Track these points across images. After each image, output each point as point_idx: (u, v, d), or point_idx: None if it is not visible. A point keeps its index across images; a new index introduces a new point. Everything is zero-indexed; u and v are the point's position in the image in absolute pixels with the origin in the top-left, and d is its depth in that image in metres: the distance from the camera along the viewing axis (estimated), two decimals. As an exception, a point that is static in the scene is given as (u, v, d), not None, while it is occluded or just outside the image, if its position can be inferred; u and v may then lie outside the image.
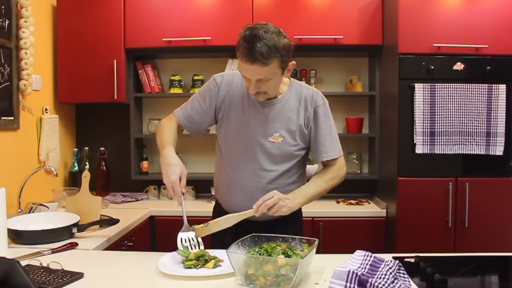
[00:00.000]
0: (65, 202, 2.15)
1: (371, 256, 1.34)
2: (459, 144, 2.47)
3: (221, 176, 1.80)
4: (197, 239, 1.55)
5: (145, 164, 3.12)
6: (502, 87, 2.44)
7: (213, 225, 1.51)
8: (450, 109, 2.45)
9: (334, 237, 2.62)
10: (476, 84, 2.45)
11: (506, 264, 1.68)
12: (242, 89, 1.71)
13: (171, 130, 1.77)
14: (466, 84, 2.45)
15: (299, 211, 1.88)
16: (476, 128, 2.46)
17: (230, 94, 1.73)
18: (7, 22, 2.34)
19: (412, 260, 1.57)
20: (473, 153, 2.47)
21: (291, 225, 1.79)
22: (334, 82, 3.15)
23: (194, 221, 1.76)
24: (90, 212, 2.05)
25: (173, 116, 1.81)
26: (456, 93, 2.45)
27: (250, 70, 1.52)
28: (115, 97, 2.85)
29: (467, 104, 2.45)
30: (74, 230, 1.87)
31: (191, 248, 1.53)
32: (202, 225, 1.50)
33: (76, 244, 1.76)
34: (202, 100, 1.76)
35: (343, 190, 3.13)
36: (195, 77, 3.05)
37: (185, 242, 1.54)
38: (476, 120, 2.45)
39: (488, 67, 2.47)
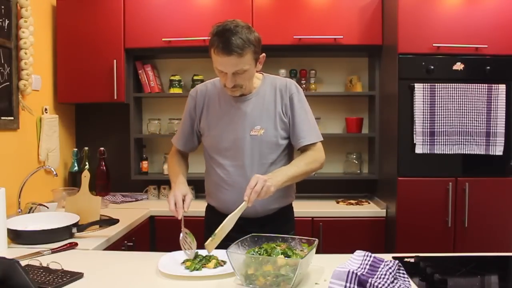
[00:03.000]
0: (65, 202, 2.15)
1: (370, 256, 1.34)
2: (459, 144, 2.47)
3: (211, 177, 1.84)
4: (189, 238, 1.58)
5: (144, 164, 3.12)
6: (502, 87, 2.44)
7: (219, 233, 1.49)
8: (450, 109, 2.45)
9: (334, 237, 2.62)
10: (476, 84, 2.45)
11: (506, 264, 1.68)
12: (216, 93, 1.81)
13: (177, 161, 1.89)
14: (466, 84, 2.45)
15: (290, 209, 1.91)
16: (476, 128, 2.46)
17: (208, 101, 1.82)
18: (7, 22, 2.34)
19: (412, 260, 1.57)
20: (473, 153, 2.47)
21: (284, 223, 1.83)
22: (334, 82, 3.15)
23: (196, 221, 1.76)
24: (90, 212, 2.05)
25: (173, 147, 1.94)
26: (456, 93, 2.45)
27: (227, 63, 1.59)
28: (115, 97, 2.85)
29: (467, 104, 2.45)
30: (74, 230, 1.87)
31: (188, 247, 1.56)
32: (210, 238, 1.48)
33: (76, 244, 1.75)
34: (186, 120, 1.87)
35: (343, 190, 3.16)
36: (195, 77, 3.05)
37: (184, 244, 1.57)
38: (476, 120, 2.45)
39: (488, 67, 2.47)
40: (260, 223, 1.73)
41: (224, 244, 1.47)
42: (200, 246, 1.56)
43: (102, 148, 3.01)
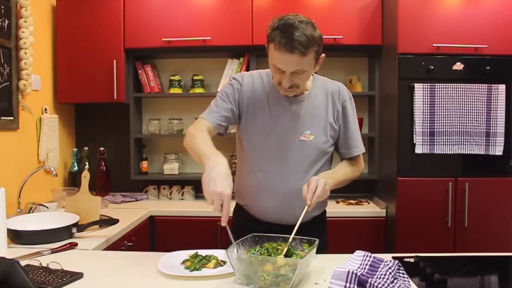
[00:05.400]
0: (65, 202, 2.15)
1: (370, 256, 1.34)
2: (459, 144, 2.47)
3: (248, 180, 1.69)
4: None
5: (144, 164, 3.12)
6: (502, 87, 2.44)
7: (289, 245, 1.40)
8: (450, 109, 2.45)
9: (334, 237, 2.60)
10: (476, 84, 2.45)
11: (506, 264, 1.68)
12: (264, 89, 1.66)
13: (207, 135, 1.53)
14: (465, 84, 2.45)
15: (324, 213, 1.84)
16: (476, 128, 2.46)
17: (252, 94, 1.66)
18: (6, 22, 2.34)
19: (412, 260, 1.57)
20: (472, 153, 2.47)
21: (319, 228, 1.77)
22: (333, 82, 3.14)
23: (197, 221, 1.75)
24: (90, 212, 2.05)
25: (200, 121, 1.61)
26: (456, 93, 2.45)
27: (288, 61, 1.46)
28: (115, 97, 2.85)
29: (466, 104, 2.45)
30: (74, 230, 1.87)
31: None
32: (282, 256, 1.34)
33: (76, 244, 1.75)
34: (227, 98, 1.65)
35: (342, 190, 3.11)
36: (195, 77, 3.05)
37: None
38: (476, 120, 2.45)
39: (488, 67, 2.47)
40: (298, 229, 1.47)
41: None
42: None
43: (102, 148, 3.01)
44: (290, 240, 1.40)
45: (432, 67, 2.48)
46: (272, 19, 1.51)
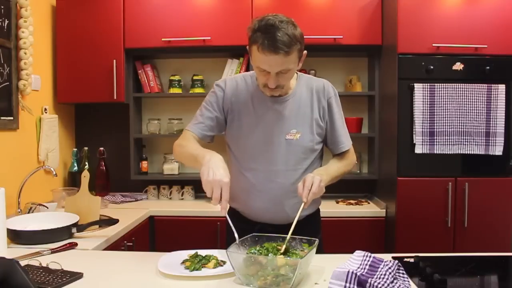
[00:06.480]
0: (65, 202, 2.15)
1: (370, 256, 1.34)
2: (459, 144, 2.47)
3: (238, 181, 1.68)
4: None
5: (144, 164, 3.12)
6: (502, 87, 2.45)
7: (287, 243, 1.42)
8: (450, 109, 2.45)
9: (334, 237, 2.61)
10: (476, 84, 2.45)
11: (505, 264, 1.69)
12: (248, 91, 1.68)
13: (195, 142, 1.62)
14: (465, 84, 2.45)
15: (318, 213, 1.83)
16: (476, 128, 2.46)
17: (237, 98, 1.68)
18: (6, 22, 2.34)
19: (412, 260, 1.57)
20: (472, 153, 2.47)
21: (312, 228, 1.75)
22: (333, 82, 3.06)
23: (197, 221, 1.75)
24: (90, 212, 2.05)
25: (186, 133, 1.68)
26: (456, 93, 2.45)
27: (272, 62, 1.46)
28: (115, 97, 2.85)
29: (466, 104, 2.45)
30: (74, 230, 1.87)
31: None
32: (281, 255, 1.36)
33: (76, 244, 1.75)
34: (211, 107, 1.69)
35: (342, 190, 3.15)
36: (195, 77, 3.05)
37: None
38: (476, 120, 2.46)
39: (488, 67, 2.48)
40: (294, 228, 1.47)
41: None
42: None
43: (101, 148, 3.01)
44: (287, 239, 1.40)
45: (432, 67, 2.48)
46: (252, 21, 1.52)
